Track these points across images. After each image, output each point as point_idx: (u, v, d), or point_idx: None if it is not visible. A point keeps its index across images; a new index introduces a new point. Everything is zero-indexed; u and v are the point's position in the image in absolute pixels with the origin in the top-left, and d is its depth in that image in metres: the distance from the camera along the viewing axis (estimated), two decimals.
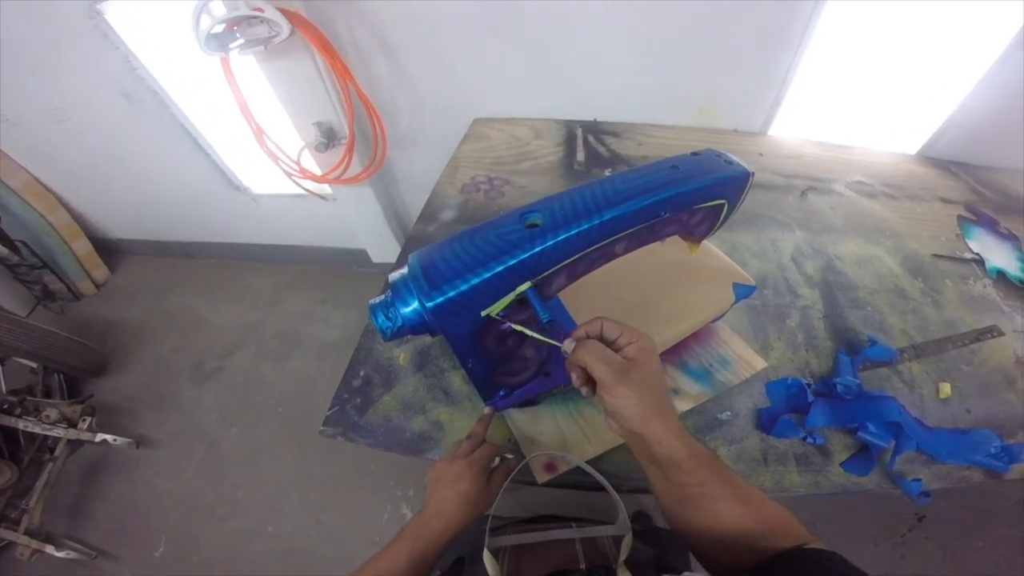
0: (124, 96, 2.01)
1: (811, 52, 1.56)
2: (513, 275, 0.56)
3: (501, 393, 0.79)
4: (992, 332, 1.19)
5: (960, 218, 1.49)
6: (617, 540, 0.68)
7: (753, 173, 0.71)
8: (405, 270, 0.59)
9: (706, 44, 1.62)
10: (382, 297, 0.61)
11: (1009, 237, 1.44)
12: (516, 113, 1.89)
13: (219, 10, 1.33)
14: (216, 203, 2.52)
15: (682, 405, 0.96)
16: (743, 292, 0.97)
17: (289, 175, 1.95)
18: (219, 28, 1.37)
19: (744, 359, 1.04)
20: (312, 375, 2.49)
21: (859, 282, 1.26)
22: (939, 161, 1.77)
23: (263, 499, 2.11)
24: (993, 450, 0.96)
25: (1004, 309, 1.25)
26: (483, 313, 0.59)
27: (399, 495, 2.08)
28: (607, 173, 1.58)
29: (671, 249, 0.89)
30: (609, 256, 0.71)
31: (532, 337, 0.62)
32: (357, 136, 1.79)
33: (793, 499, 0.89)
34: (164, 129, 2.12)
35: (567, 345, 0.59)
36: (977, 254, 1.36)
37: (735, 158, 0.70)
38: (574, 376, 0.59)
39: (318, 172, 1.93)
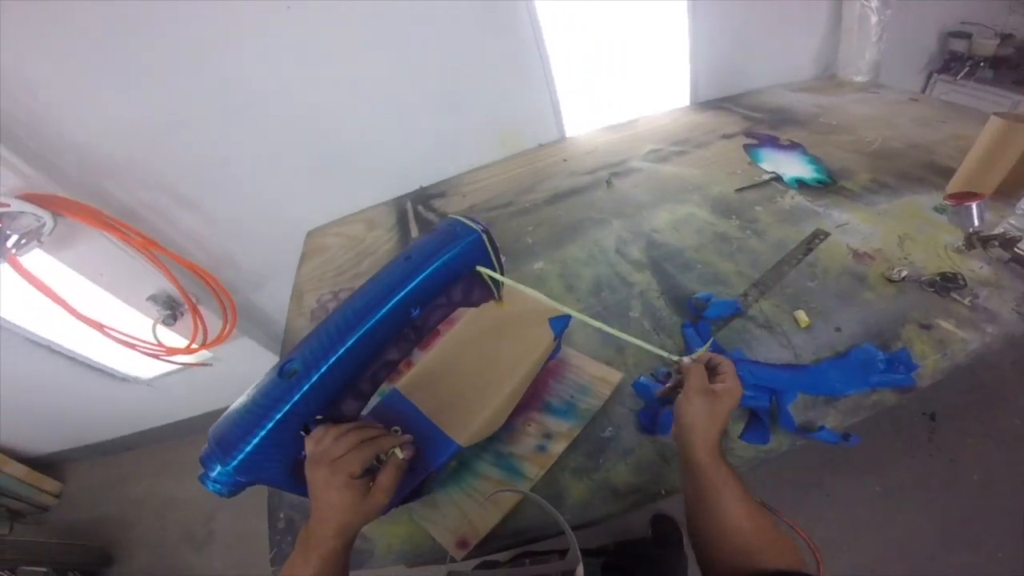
0: None
1: (553, 54, 1.45)
2: (288, 423, 0.50)
3: None
4: (819, 236, 1.04)
5: (745, 147, 1.37)
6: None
7: (485, 231, 0.60)
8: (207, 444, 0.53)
9: (470, 86, 1.48)
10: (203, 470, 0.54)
11: (792, 147, 1.33)
12: (347, 211, 1.65)
13: None
14: (114, 399, 2.10)
15: (557, 447, 0.79)
16: (559, 324, 0.82)
17: (156, 357, 1.62)
18: None
19: (600, 378, 0.86)
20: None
21: (681, 244, 1.10)
22: (710, 102, 1.68)
23: None
24: (881, 365, 0.78)
25: (818, 210, 1.12)
26: None
27: None
28: None
29: (487, 312, 0.76)
30: (391, 366, 0.62)
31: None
32: (198, 297, 1.49)
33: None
34: (9, 350, 1.68)
35: (688, 359, 0.64)
36: (773, 172, 1.23)
37: (467, 221, 0.60)
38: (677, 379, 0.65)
39: (182, 345, 1.61)
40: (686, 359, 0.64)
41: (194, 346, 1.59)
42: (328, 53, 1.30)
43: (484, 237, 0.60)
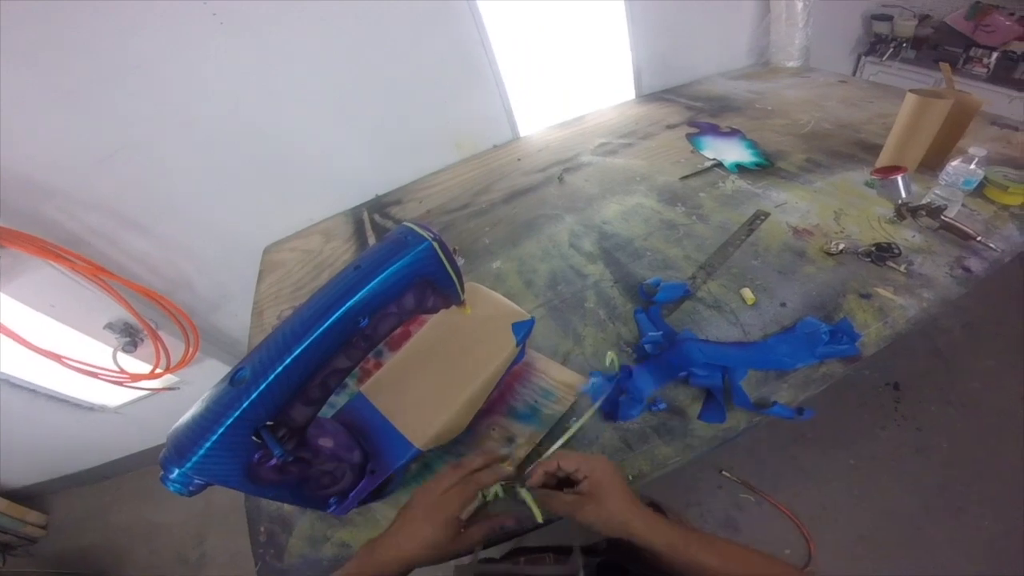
0: None
1: (500, 57, 1.42)
2: (239, 429, 0.50)
3: (333, 501, 0.67)
4: (759, 217, 1.05)
5: (688, 136, 1.36)
6: None
7: (437, 238, 0.58)
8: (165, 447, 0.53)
9: (420, 92, 1.43)
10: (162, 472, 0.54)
11: (731, 133, 1.34)
12: (303, 223, 1.58)
13: None
14: (85, 428, 1.98)
15: (519, 452, 0.76)
16: (522, 330, 0.79)
17: (121, 384, 1.53)
18: None
19: (564, 383, 0.83)
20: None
21: (631, 234, 1.09)
22: (654, 95, 1.68)
23: None
24: (825, 337, 0.77)
25: (758, 192, 1.12)
26: None
27: None
28: None
29: (453, 316, 0.74)
30: (342, 373, 0.58)
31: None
32: (157, 322, 1.41)
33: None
34: None
35: (531, 483, 0.59)
36: (714, 159, 1.23)
37: (419, 228, 0.58)
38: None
39: (145, 371, 1.52)
40: (531, 483, 0.58)
41: (158, 371, 1.51)
42: (271, 65, 1.23)
43: (435, 245, 0.57)
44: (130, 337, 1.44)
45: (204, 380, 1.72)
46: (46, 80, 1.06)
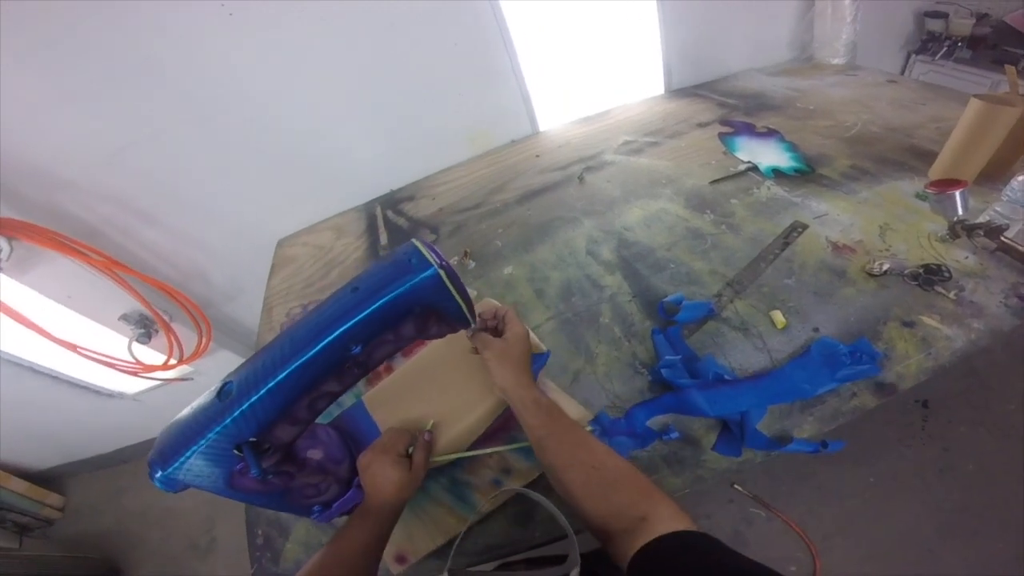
0: None
1: (520, 49, 1.37)
2: (220, 443, 0.50)
3: (316, 509, 0.67)
4: (796, 229, 0.97)
5: (720, 135, 1.28)
6: None
7: (444, 266, 0.52)
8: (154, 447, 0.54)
9: (437, 85, 1.39)
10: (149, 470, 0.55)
11: (768, 134, 1.25)
12: (317, 217, 1.57)
13: None
14: (104, 414, 2.05)
15: (512, 484, 0.73)
16: (536, 362, 0.75)
17: (135, 374, 1.56)
18: None
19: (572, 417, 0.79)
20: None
21: (653, 243, 1.02)
22: (684, 90, 1.59)
23: None
24: (846, 359, 0.72)
25: (795, 201, 1.04)
26: None
27: None
28: None
29: (463, 339, 0.70)
30: (331, 396, 0.56)
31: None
32: (171, 313, 1.42)
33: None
34: None
35: (471, 329, 0.65)
36: (748, 162, 1.15)
37: (426, 251, 0.53)
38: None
39: (159, 362, 1.55)
40: (472, 328, 0.66)
41: (171, 362, 1.53)
42: (283, 59, 1.21)
43: (442, 273, 0.52)
44: (144, 328, 1.46)
45: (218, 371, 1.71)
46: (59, 77, 1.06)
